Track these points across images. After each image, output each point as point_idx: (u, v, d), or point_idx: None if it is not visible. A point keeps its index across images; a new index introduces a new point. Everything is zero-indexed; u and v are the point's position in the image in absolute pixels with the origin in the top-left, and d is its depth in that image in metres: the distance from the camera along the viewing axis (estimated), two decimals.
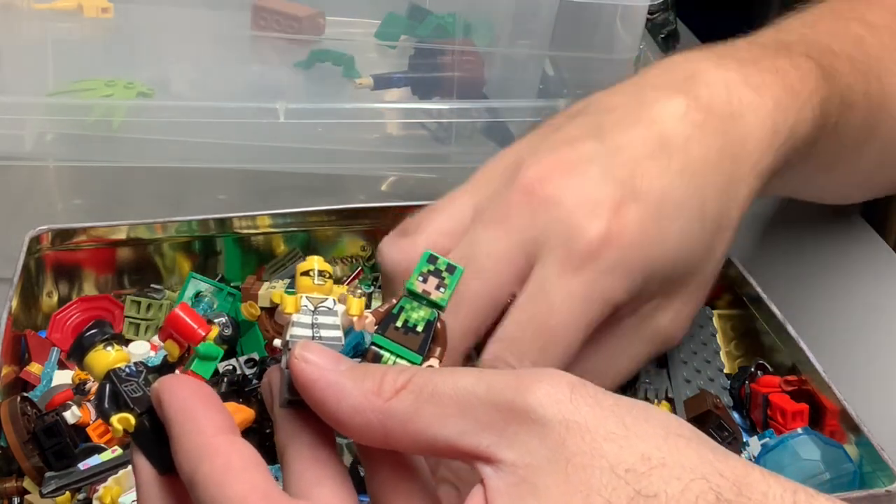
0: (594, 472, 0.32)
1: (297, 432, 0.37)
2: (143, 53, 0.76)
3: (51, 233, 0.64)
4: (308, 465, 0.37)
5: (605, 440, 0.33)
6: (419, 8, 0.79)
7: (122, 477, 0.51)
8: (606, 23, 0.74)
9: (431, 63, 0.76)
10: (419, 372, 0.36)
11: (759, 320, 0.61)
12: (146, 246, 0.66)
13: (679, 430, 0.34)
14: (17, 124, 0.69)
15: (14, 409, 0.53)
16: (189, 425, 0.36)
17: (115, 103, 0.70)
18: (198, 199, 0.76)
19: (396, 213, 0.67)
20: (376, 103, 0.77)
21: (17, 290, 0.60)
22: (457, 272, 0.39)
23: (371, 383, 0.36)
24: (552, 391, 0.34)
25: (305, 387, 0.37)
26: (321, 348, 0.37)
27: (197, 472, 0.35)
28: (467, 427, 0.34)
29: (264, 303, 0.62)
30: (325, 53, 0.77)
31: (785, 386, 0.57)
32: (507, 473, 0.33)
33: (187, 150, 0.71)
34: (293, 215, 0.67)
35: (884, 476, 0.51)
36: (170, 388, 0.38)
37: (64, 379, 0.59)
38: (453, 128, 0.75)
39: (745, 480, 0.32)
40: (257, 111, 0.71)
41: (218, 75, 0.77)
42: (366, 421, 0.35)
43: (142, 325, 0.64)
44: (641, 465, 0.32)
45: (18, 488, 0.53)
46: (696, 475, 0.32)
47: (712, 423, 0.54)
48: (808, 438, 0.54)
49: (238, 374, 0.58)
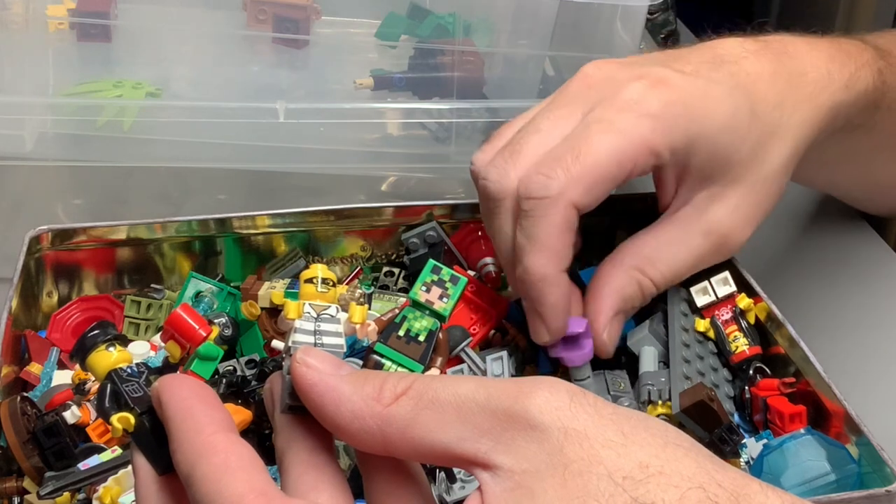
0: (591, 479, 0.32)
1: (296, 437, 0.38)
2: (142, 54, 0.76)
3: (51, 233, 0.64)
4: (306, 470, 0.37)
5: (603, 447, 0.33)
6: (419, 8, 0.79)
7: (122, 477, 0.51)
8: (606, 23, 0.74)
9: (431, 63, 0.76)
10: (419, 378, 0.36)
11: (760, 320, 0.61)
12: (146, 246, 0.66)
13: (677, 440, 0.34)
14: (17, 124, 0.69)
15: (14, 408, 0.53)
16: (188, 424, 0.37)
17: (127, 104, 0.70)
18: (198, 199, 0.77)
19: (396, 213, 0.68)
20: (376, 103, 0.77)
21: (17, 290, 0.60)
22: (460, 283, 0.39)
23: (371, 389, 0.36)
24: (551, 398, 0.34)
25: (305, 391, 0.37)
26: (322, 353, 0.37)
27: (195, 470, 0.35)
28: (466, 433, 0.34)
29: (264, 303, 0.62)
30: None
31: (783, 388, 0.58)
32: (504, 479, 0.33)
33: (187, 150, 0.71)
34: (293, 215, 0.67)
35: (884, 476, 0.51)
36: (170, 387, 0.38)
37: (64, 379, 0.59)
38: (453, 128, 0.75)
39: (743, 491, 0.32)
40: (257, 111, 0.71)
41: (217, 75, 0.77)
42: (365, 426, 0.36)
43: (142, 325, 0.64)
44: (639, 473, 0.32)
45: (18, 488, 0.53)
46: (694, 484, 0.32)
47: (708, 415, 0.54)
48: (812, 439, 0.54)
49: (237, 376, 0.58)
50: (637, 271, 0.57)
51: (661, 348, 0.59)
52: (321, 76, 0.78)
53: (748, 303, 0.61)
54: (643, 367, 0.58)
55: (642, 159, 0.54)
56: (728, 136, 0.56)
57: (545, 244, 0.53)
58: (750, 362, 0.60)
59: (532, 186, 0.53)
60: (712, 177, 0.56)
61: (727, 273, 0.62)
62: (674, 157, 0.55)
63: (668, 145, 0.54)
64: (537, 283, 0.53)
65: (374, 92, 0.77)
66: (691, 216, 0.57)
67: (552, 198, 0.52)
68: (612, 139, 0.53)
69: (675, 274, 0.58)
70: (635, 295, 0.57)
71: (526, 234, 0.53)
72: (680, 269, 0.58)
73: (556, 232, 0.53)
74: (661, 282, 0.58)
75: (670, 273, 0.57)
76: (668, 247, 0.57)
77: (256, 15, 0.76)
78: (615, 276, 0.57)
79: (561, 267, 0.54)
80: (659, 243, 0.57)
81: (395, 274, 0.68)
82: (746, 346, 0.60)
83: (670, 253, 0.57)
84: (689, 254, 0.57)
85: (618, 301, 0.57)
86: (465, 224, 0.68)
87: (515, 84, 0.78)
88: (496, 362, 0.58)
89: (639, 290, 0.57)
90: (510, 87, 0.78)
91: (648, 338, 0.59)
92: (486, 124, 0.75)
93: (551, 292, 0.53)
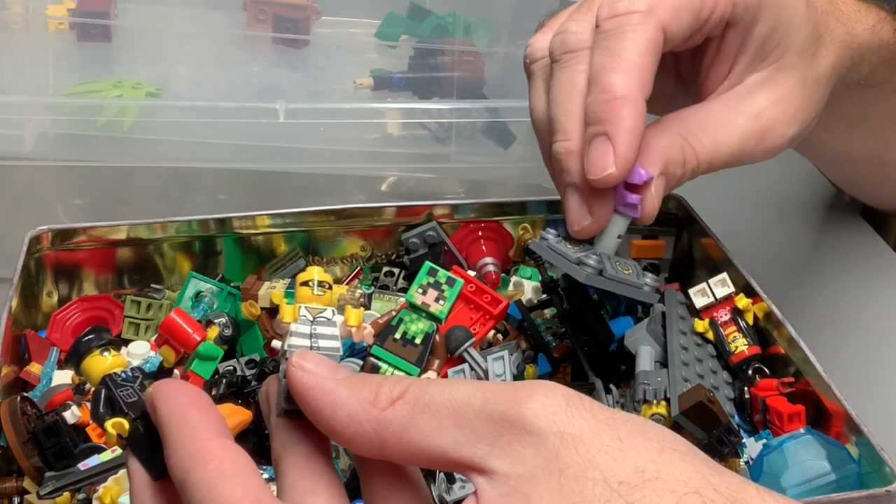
0: (587, 484, 0.32)
1: (292, 442, 0.37)
2: (142, 54, 0.76)
3: (51, 233, 0.64)
4: (302, 475, 0.37)
5: (599, 452, 0.33)
6: (419, 8, 0.79)
7: (122, 477, 0.51)
8: None
9: (431, 63, 0.76)
10: (415, 382, 0.36)
11: (759, 320, 0.61)
12: (146, 246, 0.66)
13: (674, 445, 0.34)
14: (17, 124, 0.69)
15: (14, 408, 0.53)
16: (182, 429, 0.36)
17: (127, 104, 0.70)
18: (198, 199, 0.77)
19: (396, 213, 0.68)
20: (376, 103, 0.77)
21: (17, 290, 0.60)
22: (456, 285, 0.39)
23: (367, 392, 0.36)
24: (548, 403, 0.34)
25: (301, 395, 0.37)
26: (318, 357, 0.37)
27: (189, 476, 0.35)
28: (463, 438, 0.34)
29: (264, 303, 0.62)
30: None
31: (782, 388, 0.58)
32: (499, 484, 0.33)
33: (187, 150, 0.71)
34: (293, 215, 0.67)
35: (884, 476, 0.51)
36: (164, 392, 0.38)
37: (64, 379, 0.59)
38: (453, 128, 0.75)
39: (740, 496, 0.32)
40: (257, 111, 0.71)
41: (217, 75, 0.77)
42: (361, 430, 0.35)
43: (142, 325, 0.64)
44: (635, 478, 0.32)
45: (18, 488, 0.53)
46: (690, 489, 0.32)
47: (708, 416, 0.54)
48: (812, 439, 0.54)
49: (237, 376, 0.58)
50: (681, 137, 0.54)
51: (659, 348, 0.59)
52: (321, 76, 0.78)
53: (746, 303, 0.61)
54: (639, 367, 0.58)
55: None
56: (790, 14, 0.55)
57: (631, 61, 0.50)
58: (749, 363, 0.60)
59: (618, 4, 0.51)
60: (770, 55, 0.55)
61: (725, 275, 0.62)
62: (745, 12, 0.53)
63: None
64: (617, 103, 0.49)
65: (374, 92, 0.77)
66: (742, 95, 0.55)
67: (642, 13, 0.50)
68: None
69: (717, 151, 0.54)
70: (677, 160, 0.53)
71: (608, 52, 0.50)
72: (723, 148, 0.54)
73: (644, 50, 0.50)
74: (703, 154, 0.54)
75: (713, 147, 0.54)
76: (714, 122, 0.55)
77: (256, 15, 0.76)
78: (660, 137, 0.53)
79: (644, 91, 0.50)
80: (706, 116, 0.55)
81: (395, 274, 0.68)
82: (745, 347, 0.60)
83: (716, 127, 0.54)
84: (733, 132, 0.55)
85: (662, 159, 0.53)
86: (465, 224, 0.68)
87: (515, 84, 0.78)
88: (497, 362, 0.58)
89: (681, 156, 0.53)
90: (510, 87, 0.78)
91: (646, 337, 0.59)
92: (486, 124, 0.75)
93: (630, 115, 0.50)
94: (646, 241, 0.69)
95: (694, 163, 0.54)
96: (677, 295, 0.62)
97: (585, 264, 0.53)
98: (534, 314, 0.64)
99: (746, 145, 0.55)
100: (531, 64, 0.56)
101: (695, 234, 0.68)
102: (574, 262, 0.53)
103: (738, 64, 0.56)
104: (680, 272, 0.69)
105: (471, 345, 0.57)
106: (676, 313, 0.61)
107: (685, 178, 0.54)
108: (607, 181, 0.50)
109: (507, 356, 0.58)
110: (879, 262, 0.79)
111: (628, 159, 0.50)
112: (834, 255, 0.80)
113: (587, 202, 0.52)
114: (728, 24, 0.54)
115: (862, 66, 0.61)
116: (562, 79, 0.52)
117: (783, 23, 0.55)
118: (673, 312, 0.60)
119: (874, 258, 0.80)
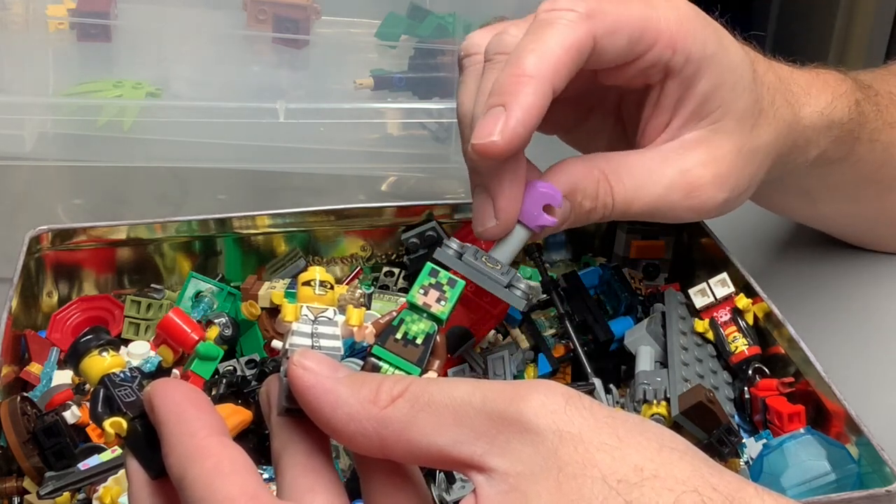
0: (586, 482, 0.32)
1: (292, 440, 0.38)
2: (142, 54, 0.76)
3: (51, 233, 0.64)
4: (302, 473, 0.37)
5: (598, 450, 0.33)
6: (419, 8, 0.80)
7: (122, 477, 0.51)
8: None
9: (431, 63, 0.77)
10: (415, 381, 0.36)
11: (759, 320, 0.61)
12: (146, 246, 0.66)
13: (673, 444, 0.34)
14: (17, 124, 0.69)
15: (14, 408, 0.53)
16: (180, 428, 0.37)
17: (127, 104, 0.70)
18: (198, 199, 0.77)
19: (396, 213, 0.68)
20: (376, 103, 0.77)
21: (17, 290, 0.60)
22: (458, 285, 0.39)
23: (368, 391, 0.36)
24: (547, 402, 0.34)
25: (302, 393, 0.37)
26: (319, 356, 0.38)
27: (187, 473, 0.35)
28: (462, 436, 0.34)
29: (264, 303, 0.62)
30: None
31: (782, 388, 0.58)
32: (498, 481, 0.33)
33: (187, 150, 0.71)
34: (293, 215, 0.67)
35: (884, 476, 0.51)
36: (162, 391, 0.38)
37: (64, 379, 0.59)
38: (453, 128, 0.75)
39: (739, 495, 0.32)
40: (257, 111, 0.71)
41: (217, 75, 0.78)
42: (361, 429, 0.36)
43: (142, 325, 0.64)
44: (634, 476, 0.32)
45: (18, 488, 0.53)
46: (689, 488, 0.32)
47: (708, 416, 0.54)
48: (812, 439, 0.54)
49: (237, 376, 0.58)
50: (601, 172, 0.53)
51: (659, 348, 0.59)
52: (321, 76, 0.79)
53: (746, 303, 0.61)
54: (639, 367, 0.58)
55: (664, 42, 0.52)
56: (735, 78, 0.54)
57: (551, 49, 0.49)
58: (749, 363, 0.60)
59: (560, 1, 0.50)
60: (709, 116, 0.55)
61: (725, 275, 0.62)
62: (686, 65, 0.53)
63: (689, 48, 0.53)
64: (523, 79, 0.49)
65: (374, 92, 0.78)
66: (676, 149, 0.55)
67: (580, 14, 0.50)
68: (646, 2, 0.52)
69: (637, 195, 0.54)
70: (589, 191, 0.53)
71: (533, 35, 0.50)
72: (644, 194, 0.54)
73: (569, 45, 0.49)
74: (621, 195, 0.53)
75: (633, 191, 0.54)
76: (641, 167, 0.54)
77: (256, 15, 0.76)
78: (578, 165, 0.53)
79: (555, 81, 0.49)
80: (635, 160, 0.54)
81: (395, 274, 0.68)
82: (746, 347, 0.60)
83: (642, 172, 0.54)
84: (658, 182, 0.54)
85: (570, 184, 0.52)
86: (465, 224, 0.68)
87: None
88: (497, 362, 0.58)
89: (594, 189, 0.53)
90: None
91: (645, 337, 0.59)
92: None
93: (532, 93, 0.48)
94: (646, 241, 0.69)
95: (608, 200, 0.53)
96: (677, 295, 0.63)
97: (448, 247, 0.51)
98: (534, 314, 0.64)
99: (670, 197, 0.54)
100: (464, 58, 0.55)
101: (695, 234, 0.68)
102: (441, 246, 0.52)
103: (677, 118, 0.55)
104: (680, 272, 0.69)
105: (471, 345, 0.57)
106: (676, 313, 0.61)
107: (596, 214, 0.53)
108: (487, 149, 0.48)
109: (507, 356, 0.58)
110: (880, 261, 0.79)
111: (517, 134, 0.48)
112: (834, 255, 0.80)
113: (495, 205, 0.51)
114: (668, 73, 0.54)
115: (809, 147, 0.60)
116: (489, 78, 0.52)
117: (727, 85, 0.54)
118: (673, 312, 0.61)
119: (875, 258, 0.80)
